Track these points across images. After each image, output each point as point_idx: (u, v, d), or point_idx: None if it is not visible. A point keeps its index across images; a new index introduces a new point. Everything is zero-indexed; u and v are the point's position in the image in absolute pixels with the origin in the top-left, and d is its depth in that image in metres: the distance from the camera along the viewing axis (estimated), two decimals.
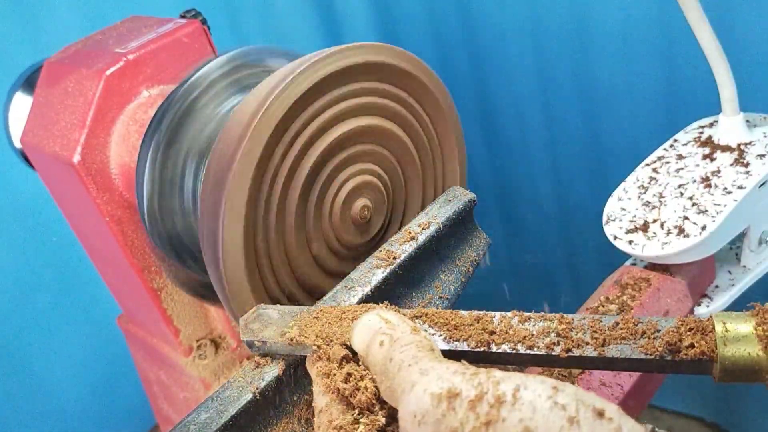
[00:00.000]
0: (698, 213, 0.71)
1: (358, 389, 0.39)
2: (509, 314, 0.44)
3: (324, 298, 0.53)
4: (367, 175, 0.60)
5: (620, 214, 0.77)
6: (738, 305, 0.78)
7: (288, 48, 0.69)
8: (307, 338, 0.44)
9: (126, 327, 0.95)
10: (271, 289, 0.57)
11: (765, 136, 0.77)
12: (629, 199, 0.78)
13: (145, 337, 0.91)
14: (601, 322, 0.42)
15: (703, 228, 0.70)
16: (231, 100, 0.65)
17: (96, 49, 0.76)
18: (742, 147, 0.76)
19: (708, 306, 0.78)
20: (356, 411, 0.39)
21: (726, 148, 0.77)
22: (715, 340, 0.38)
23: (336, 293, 0.53)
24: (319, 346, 0.43)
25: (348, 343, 0.42)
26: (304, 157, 0.55)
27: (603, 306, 0.73)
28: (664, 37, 1.04)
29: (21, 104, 0.84)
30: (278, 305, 0.49)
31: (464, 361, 0.34)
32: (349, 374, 0.40)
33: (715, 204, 0.71)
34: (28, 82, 0.85)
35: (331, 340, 0.43)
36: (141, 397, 1.06)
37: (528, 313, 0.44)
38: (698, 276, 0.76)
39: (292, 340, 0.44)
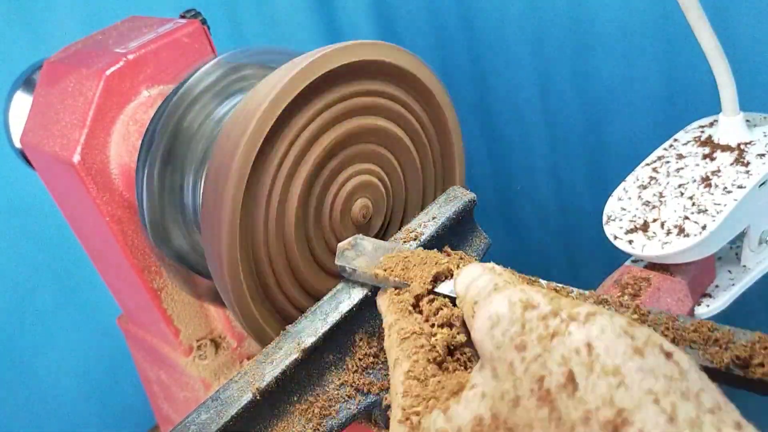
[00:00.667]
0: (698, 212, 0.71)
1: (439, 309, 0.43)
2: (586, 292, 0.44)
3: (325, 297, 0.53)
4: (366, 175, 0.60)
5: (620, 214, 0.77)
6: (738, 305, 0.78)
7: (284, 47, 0.69)
8: (390, 274, 0.48)
9: (126, 327, 0.95)
10: (270, 289, 0.57)
11: (765, 136, 0.77)
12: (629, 198, 0.78)
13: (145, 337, 0.91)
14: (677, 320, 0.41)
15: (703, 228, 0.70)
16: (223, 106, 0.65)
17: (96, 49, 0.76)
18: (742, 146, 0.76)
19: (708, 306, 0.78)
20: (434, 324, 0.42)
21: (726, 148, 0.77)
22: None
23: (336, 292, 0.53)
24: (397, 288, 0.47)
25: (429, 287, 0.45)
26: (303, 158, 0.55)
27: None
28: (664, 37, 1.04)
29: (21, 104, 0.84)
30: (374, 239, 0.54)
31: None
32: (431, 300, 0.44)
33: (715, 203, 0.71)
34: (28, 82, 0.85)
35: (412, 280, 0.47)
36: (141, 397, 1.06)
37: (605, 296, 0.44)
38: (698, 276, 0.76)
39: (377, 275, 0.49)
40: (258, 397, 0.46)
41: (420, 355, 0.40)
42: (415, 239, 0.56)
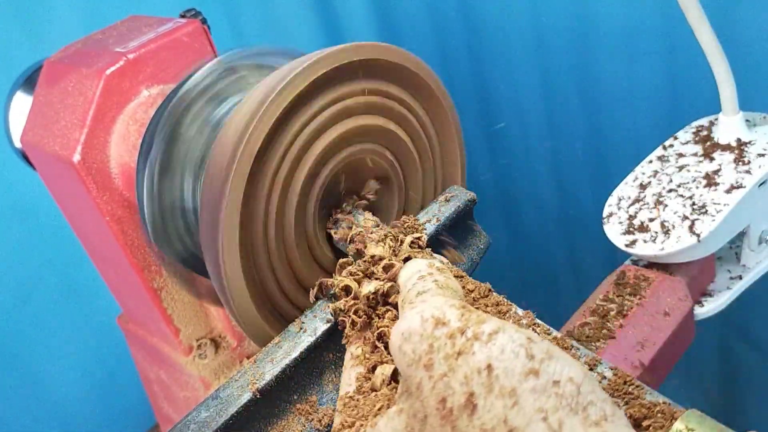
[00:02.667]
0: (698, 212, 0.71)
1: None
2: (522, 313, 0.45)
3: (320, 301, 0.53)
4: None
5: (620, 214, 0.77)
6: (738, 305, 0.78)
7: (283, 47, 0.69)
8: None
9: (126, 327, 0.95)
10: (269, 289, 0.57)
11: (765, 136, 0.77)
12: (629, 198, 0.78)
13: (145, 336, 0.91)
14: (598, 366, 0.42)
15: (704, 227, 0.70)
16: (222, 106, 0.65)
17: (96, 48, 0.76)
18: (742, 146, 0.76)
19: (708, 305, 0.78)
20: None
21: (726, 147, 0.77)
22: None
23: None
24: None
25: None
26: (303, 157, 0.55)
27: (603, 305, 0.73)
28: (665, 36, 1.04)
29: (21, 104, 0.84)
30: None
31: (466, 303, 0.37)
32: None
33: (715, 203, 0.71)
34: (28, 82, 0.85)
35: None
36: (141, 397, 1.06)
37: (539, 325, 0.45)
38: (698, 275, 0.76)
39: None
40: (258, 396, 0.46)
41: (358, 382, 0.44)
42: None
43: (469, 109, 1.37)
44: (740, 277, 0.79)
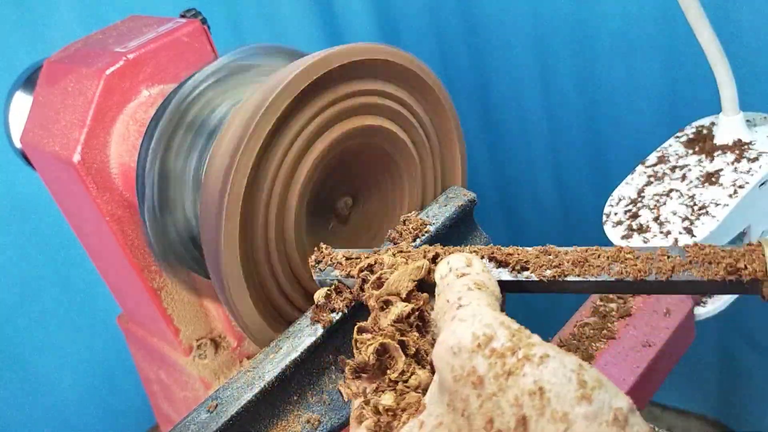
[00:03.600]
0: (698, 212, 0.71)
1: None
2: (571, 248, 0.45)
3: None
4: None
5: (620, 214, 0.77)
6: (738, 305, 0.78)
7: (286, 46, 0.69)
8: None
9: (126, 326, 0.95)
10: (268, 288, 0.57)
11: (765, 136, 0.77)
12: (629, 198, 0.78)
13: (145, 336, 0.91)
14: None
15: (704, 227, 0.70)
16: (221, 107, 0.65)
17: (96, 48, 0.76)
18: (743, 146, 0.76)
19: (708, 306, 0.78)
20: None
21: (726, 148, 0.77)
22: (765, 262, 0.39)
23: None
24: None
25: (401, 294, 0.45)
26: (303, 157, 0.55)
27: (603, 305, 0.73)
28: (665, 36, 1.04)
29: (21, 104, 0.84)
30: (348, 250, 0.52)
31: (510, 318, 0.37)
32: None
33: (715, 203, 0.71)
34: (28, 82, 0.85)
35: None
36: (141, 397, 1.06)
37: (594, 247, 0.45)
38: None
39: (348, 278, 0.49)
40: (258, 397, 0.46)
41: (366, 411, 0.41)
42: (414, 239, 0.56)
43: (469, 109, 1.37)
44: None
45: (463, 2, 1.26)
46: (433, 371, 0.41)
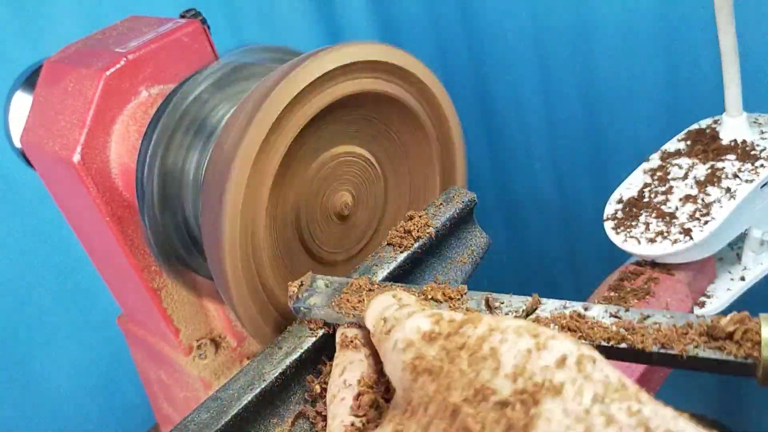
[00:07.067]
0: (699, 213, 0.71)
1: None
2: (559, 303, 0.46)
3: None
4: None
5: (621, 214, 0.77)
6: (738, 305, 0.78)
7: (285, 46, 0.69)
8: (341, 310, 0.48)
9: (126, 326, 0.95)
10: (270, 288, 0.57)
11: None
12: (630, 198, 0.78)
13: (145, 336, 0.91)
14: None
15: (704, 228, 0.70)
16: (220, 107, 0.65)
17: (96, 48, 0.76)
18: (746, 147, 0.76)
19: (708, 306, 0.78)
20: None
21: (729, 148, 0.77)
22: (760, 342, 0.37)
23: None
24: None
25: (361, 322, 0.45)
26: (303, 157, 0.55)
27: None
28: (666, 36, 1.04)
29: (21, 104, 0.84)
30: (327, 276, 0.52)
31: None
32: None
33: (716, 204, 0.71)
34: (28, 82, 0.85)
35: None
36: (141, 397, 1.06)
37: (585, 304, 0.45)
38: (698, 276, 0.76)
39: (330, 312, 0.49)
40: (258, 397, 0.46)
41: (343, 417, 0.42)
42: (414, 239, 0.56)
43: (469, 109, 1.37)
44: (741, 279, 0.79)
45: (463, 2, 1.26)
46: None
